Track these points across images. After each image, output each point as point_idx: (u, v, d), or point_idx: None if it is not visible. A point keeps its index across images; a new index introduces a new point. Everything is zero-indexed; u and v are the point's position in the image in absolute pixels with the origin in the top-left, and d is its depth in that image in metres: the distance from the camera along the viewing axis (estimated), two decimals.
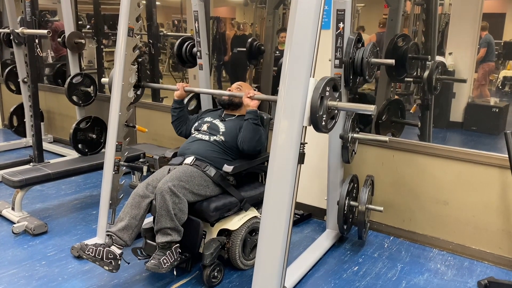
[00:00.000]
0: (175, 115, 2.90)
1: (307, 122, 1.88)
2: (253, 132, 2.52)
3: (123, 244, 2.34)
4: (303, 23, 1.86)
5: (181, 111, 2.90)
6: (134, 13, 2.71)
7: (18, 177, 3.09)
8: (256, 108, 2.53)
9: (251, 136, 2.52)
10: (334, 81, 1.97)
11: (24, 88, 4.62)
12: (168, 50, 7.04)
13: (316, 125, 1.89)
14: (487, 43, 4.67)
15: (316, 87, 1.86)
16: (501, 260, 2.78)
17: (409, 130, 3.74)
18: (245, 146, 2.55)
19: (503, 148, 2.56)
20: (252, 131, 2.52)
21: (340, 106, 1.98)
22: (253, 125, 2.51)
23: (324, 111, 1.91)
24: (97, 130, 4.16)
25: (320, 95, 1.85)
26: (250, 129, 2.52)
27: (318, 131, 1.93)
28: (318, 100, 1.84)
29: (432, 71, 3.46)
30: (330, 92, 1.94)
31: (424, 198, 3.02)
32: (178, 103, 2.89)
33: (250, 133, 2.52)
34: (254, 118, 2.52)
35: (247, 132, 2.53)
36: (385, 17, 3.92)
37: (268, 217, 1.96)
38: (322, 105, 1.88)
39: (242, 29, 6.06)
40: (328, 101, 1.93)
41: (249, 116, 2.52)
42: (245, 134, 2.54)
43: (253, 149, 2.57)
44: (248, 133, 2.53)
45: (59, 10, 4.44)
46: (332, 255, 2.87)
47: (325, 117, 1.93)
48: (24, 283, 2.47)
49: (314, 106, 1.84)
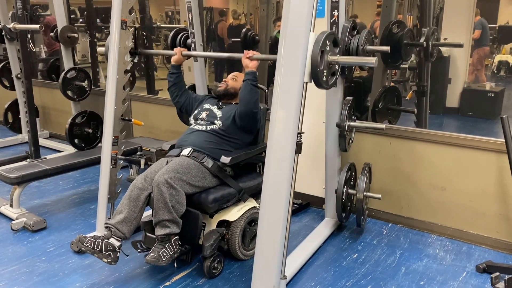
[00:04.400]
0: (171, 80, 2.90)
1: (308, 78, 1.86)
2: (251, 93, 2.52)
3: (122, 236, 2.34)
4: (297, 12, 1.85)
5: (178, 77, 2.90)
6: (127, 5, 2.68)
7: (15, 174, 3.08)
8: (255, 69, 2.53)
9: (249, 97, 2.52)
10: (334, 36, 1.95)
11: (18, 84, 4.58)
12: (162, 42, 6.99)
13: (317, 80, 1.87)
14: (482, 26, 4.66)
15: (316, 41, 1.83)
16: (499, 244, 2.80)
17: (405, 117, 3.74)
18: (243, 107, 2.55)
19: (499, 133, 2.57)
20: (250, 92, 2.51)
21: (341, 60, 1.96)
22: (251, 86, 2.51)
23: (325, 66, 1.89)
24: (93, 124, 4.15)
25: (321, 49, 1.83)
26: (248, 90, 2.51)
27: (319, 86, 1.91)
28: (318, 55, 1.82)
29: (428, 37, 3.45)
30: (330, 46, 1.91)
31: (422, 185, 3.03)
32: (175, 68, 2.89)
33: (248, 94, 2.52)
34: (253, 79, 2.51)
35: (245, 93, 2.52)
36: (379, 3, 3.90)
37: (267, 207, 1.97)
38: (322, 59, 1.86)
39: (237, 18, 6.02)
40: (329, 56, 1.91)
41: (248, 76, 2.51)
42: (243, 94, 2.53)
43: (250, 111, 2.56)
44: (246, 94, 2.52)
45: (51, 4, 4.39)
46: (331, 243, 2.88)
47: (326, 72, 1.90)
48: (25, 279, 2.47)
49: (314, 60, 1.82)
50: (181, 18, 5.96)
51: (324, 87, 1.93)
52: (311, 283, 2.43)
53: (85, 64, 6.07)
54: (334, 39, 1.94)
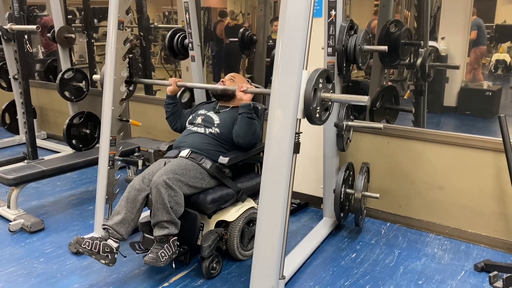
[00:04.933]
0: (169, 110, 2.88)
1: (301, 115, 1.87)
2: (247, 126, 2.51)
3: (119, 237, 2.33)
4: (294, 12, 1.85)
5: (175, 107, 2.88)
6: (124, 5, 2.67)
7: (12, 175, 3.07)
8: (249, 101, 2.52)
9: (246, 130, 2.52)
10: (327, 73, 1.96)
11: (15, 85, 4.57)
12: (159, 43, 6.98)
13: (310, 117, 1.88)
14: (477, 26, 4.67)
15: (309, 79, 1.85)
16: (497, 243, 2.80)
17: (403, 116, 3.74)
18: (240, 140, 2.55)
19: (497, 132, 2.58)
20: (247, 125, 2.51)
21: (334, 98, 1.97)
22: (247, 119, 2.50)
23: (317, 103, 1.90)
24: (90, 125, 4.13)
25: (313, 87, 1.84)
26: (245, 123, 2.51)
27: (312, 123, 1.93)
28: (311, 93, 1.83)
29: (425, 58, 3.46)
30: (323, 83, 1.93)
31: (420, 184, 3.04)
32: (171, 99, 2.87)
33: (245, 127, 2.51)
34: (248, 112, 2.50)
35: (241, 126, 2.52)
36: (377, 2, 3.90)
37: (265, 207, 1.97)
38: (315, 97, 1.87)
39: (235, 18, 6.01)
40: (322, 93, 1.92)
41: (243, 110, 2.50)
42: (240, 128, 2.53)
43: (248, 143, 2.56)
44: (242, 127, 2.52)
45: (48, 4, 4.38)
46: (330, 243, 2.89)
47: (319, 109, 1.92)
48: (23, 280, 2.46)
49: (307, 98, 1.84)
50: (178, 18, 5.94)
51: (317, 123, 1.94)
52: (310, 283, 2.43)
53: (82, 64, 6.05)
54: (327, 76, 1.95)
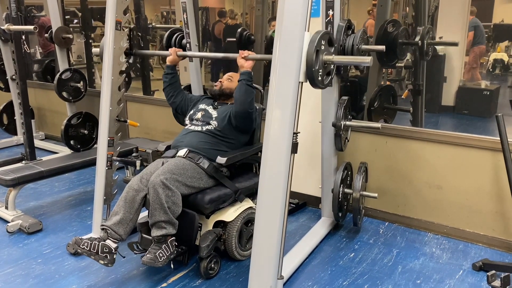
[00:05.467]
0: (167, 81, 2.89)
1: (303, 78, 1.86)
2: (246, 93, 2.51)
3: (118, 238, 2.33)
4: (292, 12, 1.84)
5: (173, 77, 2.89)
6: (122, 6, 2.67)
7: (10, 176, 3.06)
8: (250, 69, 2.52)
9: (244, 97, 2.51)
10: (329, 35, 1.95)
11: (12, 85, 4.56)
12: (157, 43, 6.98)
13: (312, 80, 1.87)
14: (474, 27, 4.67)
15: (311, 40, 1.83)
16: (495, 242, 2.81)
17: (401, 115, 3.74)
18: (237, 107, 2.55)
19: (495, 131, 2.58)
20: (245, 92, 2.51)
21: (336, 59, 1.96)
22: (247, 86, 2.51)
23: (320, 66, 1.89)
24: (88, 125, 4.13)
25: (316, 49, 1.83)
26: (244, 91, 2.51)
27: (315, 86, 1.91)
28: (313, 54, 1.82)
29: (423, 35, 3.46)
30: (325, 46, 1.92)
31: (418, 183, 3.04)
32: (170, 68, 2.88)
33: (244, 95, 2.51)
34: (248, 79, 2.51)
35: (240, 93, 2.52)
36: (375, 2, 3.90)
37: (263, 207, 1.96)
38: (317, 59, 1.86)
39: (234, 18, 6.00)
40: (324, 55, 1.91)
41: (243, 76, 2.51)
42: (239, 94, 2.53)
43: (245, 111, 2.55)
44: (241, 94, 2.52)
45: (45, 5, 4.37)
46: (328, 242, 2.89)
47: (321, 72, 1.90)
48: (21, 281, 2.46)
49: (309, 60, 1.82)
50: (176, 18, 5.95)
51: (320, 86, 1.94)
52: (308, 283, 2.43)
53: (80, 65, 6.04)
54: (329, 38, 1.94)
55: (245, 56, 2.51)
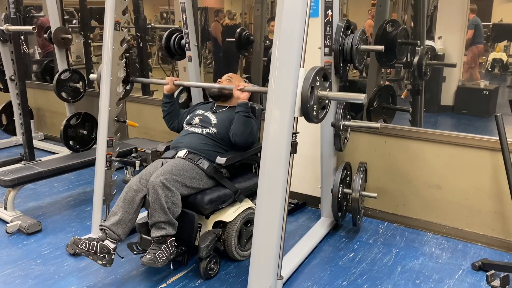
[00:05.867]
0: (165, 110, 2.88)
1: (298, 113, 1.87)
2: (244, 125, 2.51)
3: (117, 238, 2.33)
4: (291, 11, 1.84)
5: (172, 106, 2.88)
6: (120, 6, 2.67)
7: (9, 177, 3.06)
8: (246, 100, 2.52)
9: (243, 129, 2.52)
10: (324, 71, 1.96)
11: (11, 86, 4.56)
12: (156, 43, 6.97)
13: (307, 115, 1.89)
14: (474, 25, 4.67)
15: (306, 77, 1.85)
16: (494, 242, 2.81)
17: (400, 115, 3.74)
18: (237, 139, 2.54)
19: (494, 131, 2.58)
20: (244, 124, 2.51)
21: (331, 96, 1.97)
22: (244, 118, 2.50)
23: (315, 101, 1.90)
24: (88, 126, 4.13)
25: (311, 85, 1.84)
26: (242, 122, 2.51)
27: (310, 121, 1.93)
28: (308, 91, 1.83)
29: (421, 56, 3.46)
30: (320, 81, 1.93)
31: (417, 183, 3.04)
32: (168, 98, 2.87)
33: (242, 126, 2.51)
34: (245, 110, 2.50)
35: (238, 125, 2.52)
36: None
37: (262, 208, 1.96)
38: (312, 95, 1.88)
39: (232, 18, 6.00)
40: (319, 91, 1.92)
41: (240, 108, 2.50)
42: (237, 127, 2.52)
43: (245, 142, 2.56)
44: (239, 126, 2.52)
45: (44, 5, 4.36)
46: (328, 242, 2.89)
47: (316, 107, 1.92)
48: (20, 282, 2.46)
49: (304, 96, 1.84)
50: (175, 19, 5.94)
51: (315, 121, 1.95)
52: (308, 283, 2.43)
53: (79, 65, 6.04)
54: (324, 74, 1.96)
55: (241, 88, 2.50)
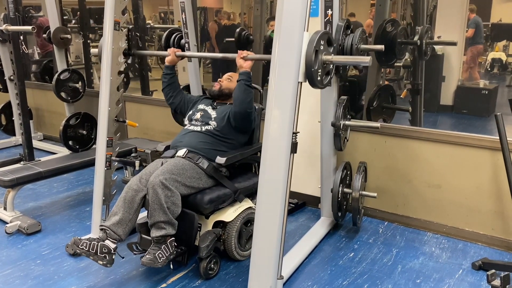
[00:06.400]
0: (166, 81, 2.90)
1: (302, 78, 1.86)
2: (245, 93, 2.51)
3: (117, 238, 2.32)
4: (291, 11, 1.84)
5: (172, 77, 2.90)
6: (120, 6, 2.66)
7: (9, 177, 3.05)
8: (249, 69, 2.52)
9: (243, 97, 2.52)
10: (328, 35, 1.95)
11: (11, 86, 4.55)
12: (156, 43, 6.97)
13: (311, 79, 1.87)
14: (475, 24, 4.67)
15: (310, 40, 1.83)
16: (494, 241, 2.81)
17: (400, 115, 3.74)
18: (237, 108, 2.55)
19: (493, 130, 2.58)
20: (244, 92, 2.51)
21: (335, 60, 1.96)
22: (245, 86, 2.51)
23: (319, 66, 1.89)
24: (87, 126, 4.13)
25: (315, 49, 1.83)
26: (242, 90, 2.51)
27: (314, 86, 1.91)
28: (312, 54, 1.82)
29: (422, 35, 3.46)
30: (324, 46, 1.92)
31: (417, 183, 3.04)
32: (169, 69, 2.89)
33: (242, 94, 2.51)
34: (247, 79, 2.51)
35: (239, 92, 2.52)
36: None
37: (262, 207, 1.96)
38: (317, 59, 1.86)
39: (232, 18, 5.99)
40: (323, 55, 1.91)
41: (242, 77, 2.51)
42: (237, 94, 2.53)
43: (244, 111, 2.55)
44: (240, 93, 2.52)
45: (43, 5, 4.36)
46: (328, 242, 2.88)
47: (320, 72, 1.91)
48: (20, 283, 2.45)
49: (309, 60, 1.82)
50: (175, 18, 5.93)
51: (319, 86, 1.94)
52: (308, 283, 2.43)
53: (78, 65, 6.03)
54: (328, 38, 1.94)
55: (244, 56, 2.50)
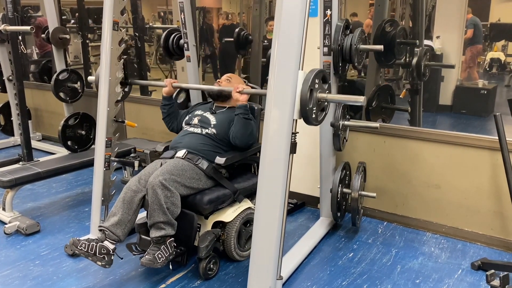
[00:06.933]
0: (165, 111, 2.87)
1: (298, 115, 1.87)
2: (244, 127, 2.51)
3: (116, 239, 2.32)
4: (290, 11, 1.84)
5: (171, 107, 2.87)
6: (119, 6, 2.66)
7: (7, 177, 3.05)
8: (246, 102, 2.51)
9: (243, 131, 2.51)
10: (323, 73, 1.96)
11: (9, 86, 4.54)
12: (155, 43, 6.96)
13: (306, 118, 1.88)
14: (473, 25, 4.68)
15: (305, 79, 1.85)
16: (493, 241, 2.81)
17: (399, 115, 3.74)
18: (237, 141, 2.54)
19: (492, 130, 2.58)
20: (244, 126, 2.50)
21: (330, 98, 1.97)
22: (244, 120, 2.50)
23: (314, 104, 1.90)
24: (86, 126, 4.12)
25: (310, 88, 1.84)
26: (242, 124, 2.50)
27: (309, 124, 1.93)
28: (307, 93, 1.83)
29: (420, 58, 3.46)
30: (319, 84, 1.92)
31: (416, 183, 3.04)
32: (167, 100, 2.86)
33: (242, 129, 2.51)
34: (245, 112, 2.50)
35: (238, 127, 2.51)
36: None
37: (262, 208, 1.96)
38: (311, 97, 1.87)
39: (231, 18, 5.99)
40: (318, 94, 1.92)
41: (240, 111, 2.50)
42: (237, 129, 2.52)
43: (245, 143, 2.56)
44: (239, 128, 2.51)
45: (42, 5, 4.35)
46: (327, 242, 2.88)
47: (315, 110, 1.92)
48: (19, 283, 2.45)
49: (303, 99, 1.83)
50: (173, 18, 5.93)
51: (314, 124, 1.95)
52: (307, 283, 2.42)
53: (77, 65, 6.03)
54: (323, 76, 1.95)
55: (240, 90, 2.49)
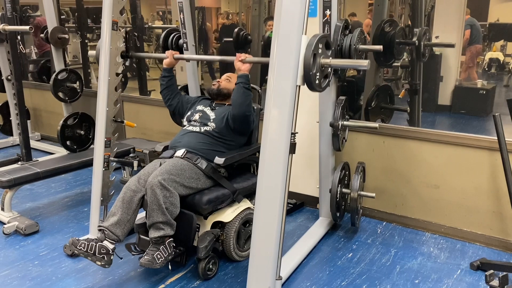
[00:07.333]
0: (164, 83, 2.88)
1: (301, 81, 1.85)
2: (243, 96, 2.50)
3: (115, 239, 2.32)
4: (289, 14, 1.84)
5: (170, 80, 2.89)
6: (118, 6, 2.66)
7: (6, 177, 3.04)
8: (247, 72, 2.51)
9: (242, 100, 2.51)
10: (327, 38, 1.95)
11: (8, 86, 4.54)
12: (154, 43, 6.96)
13: (309, 83, 1.87)
14: (470, 26, 4.68)
15: (309, 44, 1.83)
16: (492, 241, 2.81)
17: (398, 115, 3.75)
18: (236, 110, 2.54)
19: (491, 130, 2.58)
20: (243, 95, 2.50)
21: (333, 63, 1.96)
22: (244, 89, 2.50)
23: (317, 69, 1.89)
24: (85, 126, 4.11)
25: (313, 53, 1.83)
26: (241, 93, 2.50)
27: (312, 89, 1.91)
28: (311, 58, 1.82)
29: (420, 36, 3.46)
30: (322, 49, 1.91)
31: (416, 183, 3.04)
32: (167, 71, 2.87)
33: (241, 97, 2.50)
34: (246, 82, 2.50)
35: (238, 95, 2.51)
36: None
37: (261, 208, 1.96)
38: (315, 62, 1.86)
39: (231, 18, 5.99)
40: (321, 59, 1.91)
41: (241, 79, 2.50)
42: (236, 97, 2.52)
43: (243, 114, 2.55)
44: (239, 96, 2.51)
45: (41, 5, 4.35)
46: (326, 242, 2.88)
47: (318, 75, 1.91)
48: (17, 284, 2.44)
49: (307, 64, 1.82)
50: (172, 18, 5.93)
51: (317, 90, 1.93)
52: (307, 283, 2.42)
53: (76, 65, 6.02)
54: (327, 41, 1.94)
55: (242, 59, 2.49)
